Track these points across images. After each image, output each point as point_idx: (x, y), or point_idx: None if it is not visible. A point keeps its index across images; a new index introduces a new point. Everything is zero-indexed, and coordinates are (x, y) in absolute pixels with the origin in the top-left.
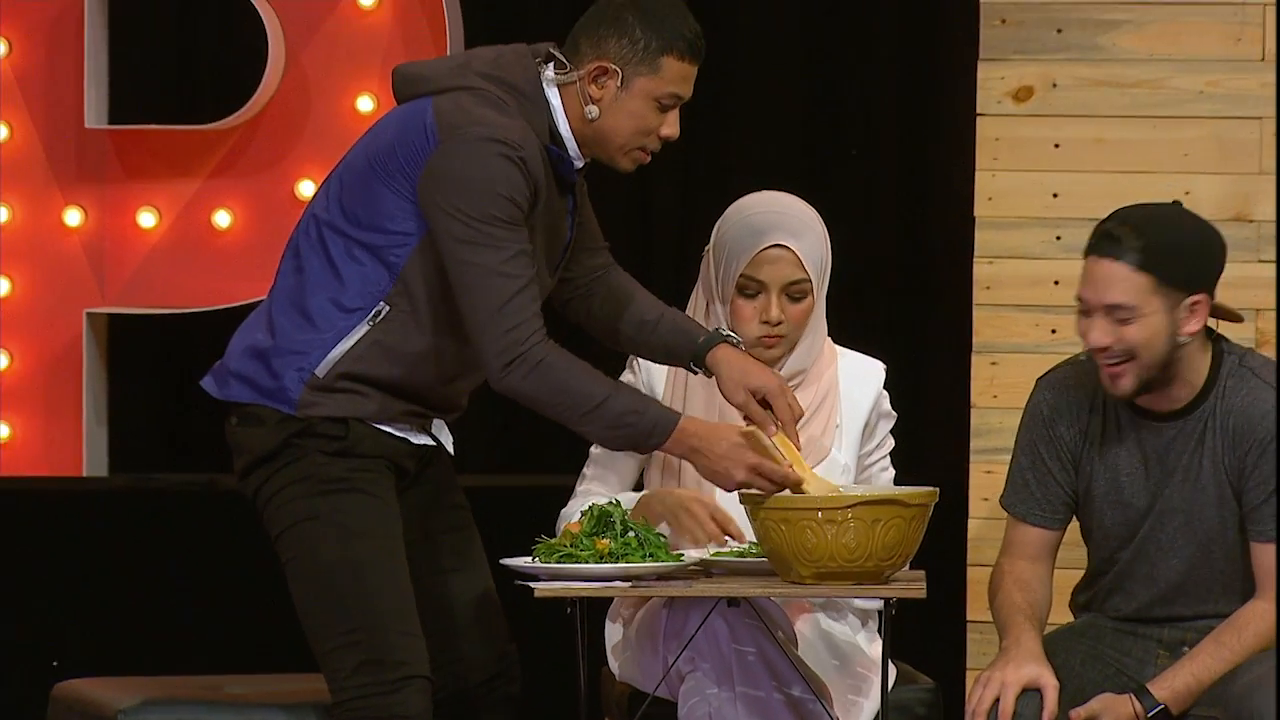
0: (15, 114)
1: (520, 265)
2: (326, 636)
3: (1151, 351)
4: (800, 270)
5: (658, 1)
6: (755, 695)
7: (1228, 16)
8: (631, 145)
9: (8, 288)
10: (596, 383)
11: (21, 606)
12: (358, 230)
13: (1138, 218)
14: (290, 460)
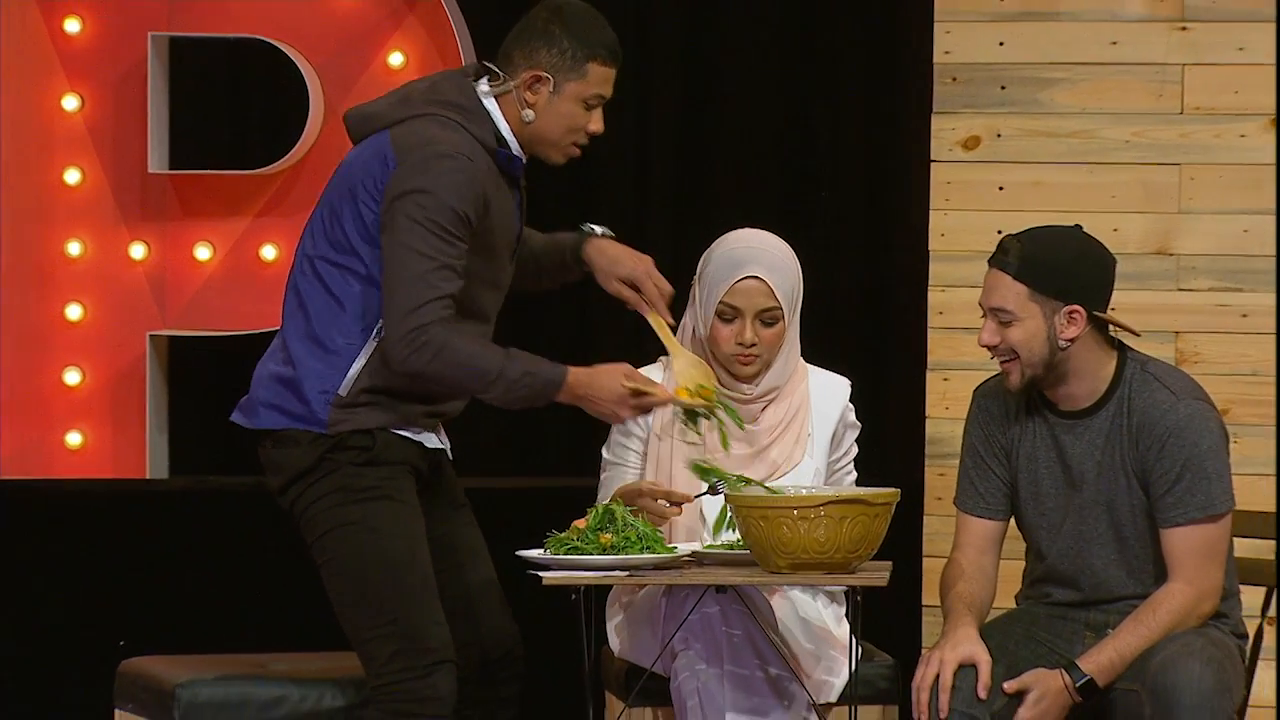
0: (88, 160)
1: (442, 278)
2: (363, 628)
3: (1030, 352)
4: (772, 299)
5: (579, 15)
6: (740, 672)
7: (1150, 76)
8: (565, 141)
9: (80, 313)
10: (491, 357)
11: (92, 593)
12: (346, 256)
13: (1028, 235)
14: (326, 473)
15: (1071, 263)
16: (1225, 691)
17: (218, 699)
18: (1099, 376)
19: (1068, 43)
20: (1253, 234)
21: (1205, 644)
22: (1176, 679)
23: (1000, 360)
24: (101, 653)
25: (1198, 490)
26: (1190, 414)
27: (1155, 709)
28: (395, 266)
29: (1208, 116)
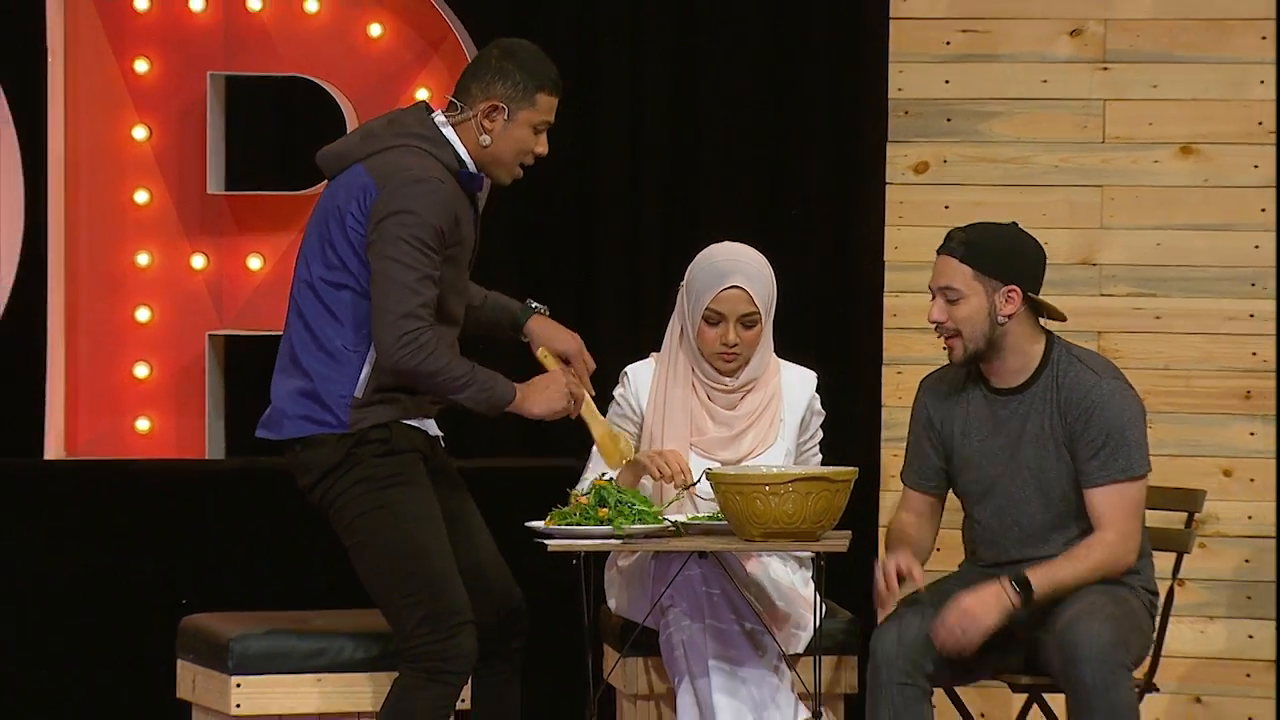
0: (154, 183)
1: (424, 286)
2: (392, 599)
3: (973, 326)
4: (752, 305)
5: (527, 53)
6: (720, 627)
7: (1076, 109)
8: (515, 162)
9: (148, 315)
10: (463, 365)
11: (158, 558)
12: (341, 274)
13: (972, 227)
14: (351, 467)
15: (1009, 249)
16: (1121, 645)
17: (265, 650)
18: (1030, 355)
19: (1005, 81)
20: (1165, 247)
21: (1106, 602)
22: (1078, 635)
23: (945, 337)
24: (166, 610)
25: (1120, 455)
26: (1112, 390)
27: (1062, 660)
28: (384, 277)
29: (1125, 145)
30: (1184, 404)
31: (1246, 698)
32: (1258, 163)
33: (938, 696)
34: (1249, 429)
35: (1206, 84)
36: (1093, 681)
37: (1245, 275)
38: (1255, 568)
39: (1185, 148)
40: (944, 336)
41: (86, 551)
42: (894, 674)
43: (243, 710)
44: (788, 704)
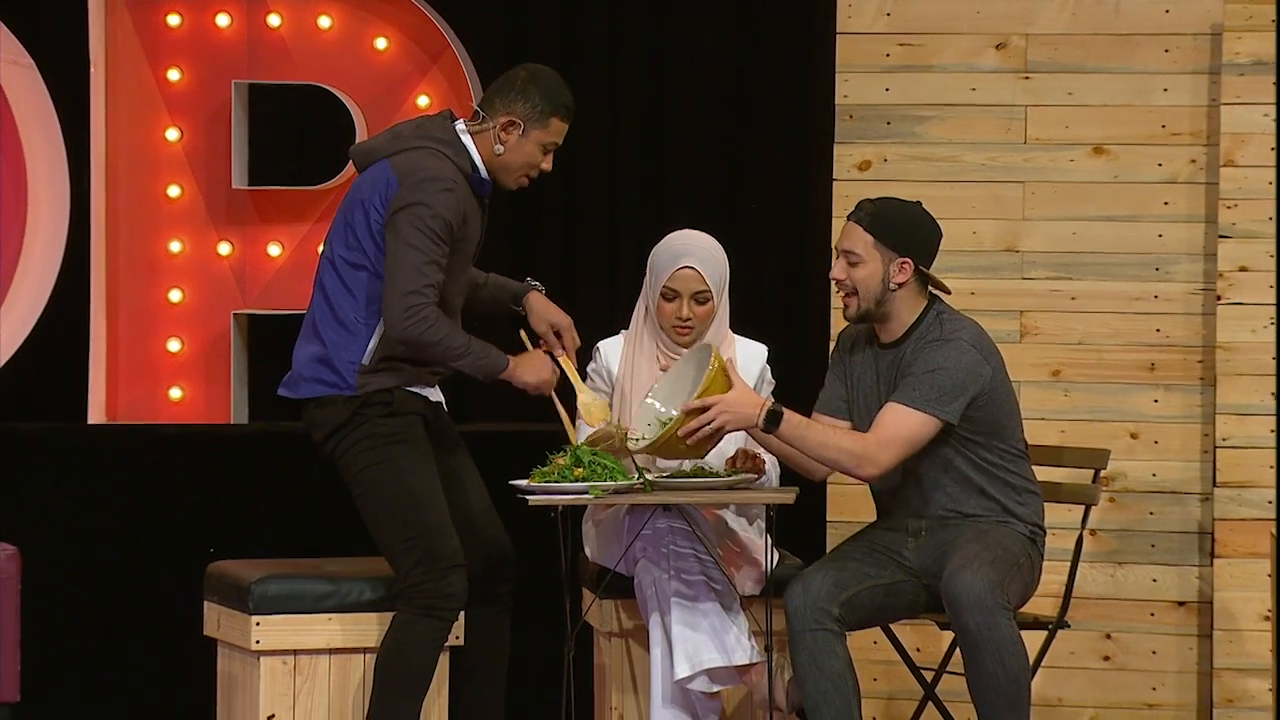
0: (185, 179)
1: (431, 270)
2: (392, 543)
3: (867, 289)
4: (703, 284)
5: (549, 79)
6: (684, 573)
7: (1001, 114)
8: (521, 174)
9: (180, 296)
10: (461, 336)
11: (188, 512)
12: (359, 255)
13: (881, 200)
14: (358, 425)
15: (909, 225)
16: (998, 587)
17: (283, 592)
18: (908, 318)
19: (938, 89)
20: (1079, 236)
21: (982, 550)
22: (956, 588)
23: (843, 294)
24: (195, 557)
25: (919, 388)
26: (950, 345)
27: (949, 610)
28: (396, 259)
29: (1044, 146)
30: (1096, 375)
31: (1150, 634)
32: (1161, 161)
33: (876, 634)
34: (1153, 396)
35: (1115, 92)
36: (975, 626)
37: (1150, 261)
38: (1159, 519)
39: (1097, 148)
40: (842, 293)
41: (125, 505)
42: (805, 623)
43: (262, 646)
44: (743, 639)
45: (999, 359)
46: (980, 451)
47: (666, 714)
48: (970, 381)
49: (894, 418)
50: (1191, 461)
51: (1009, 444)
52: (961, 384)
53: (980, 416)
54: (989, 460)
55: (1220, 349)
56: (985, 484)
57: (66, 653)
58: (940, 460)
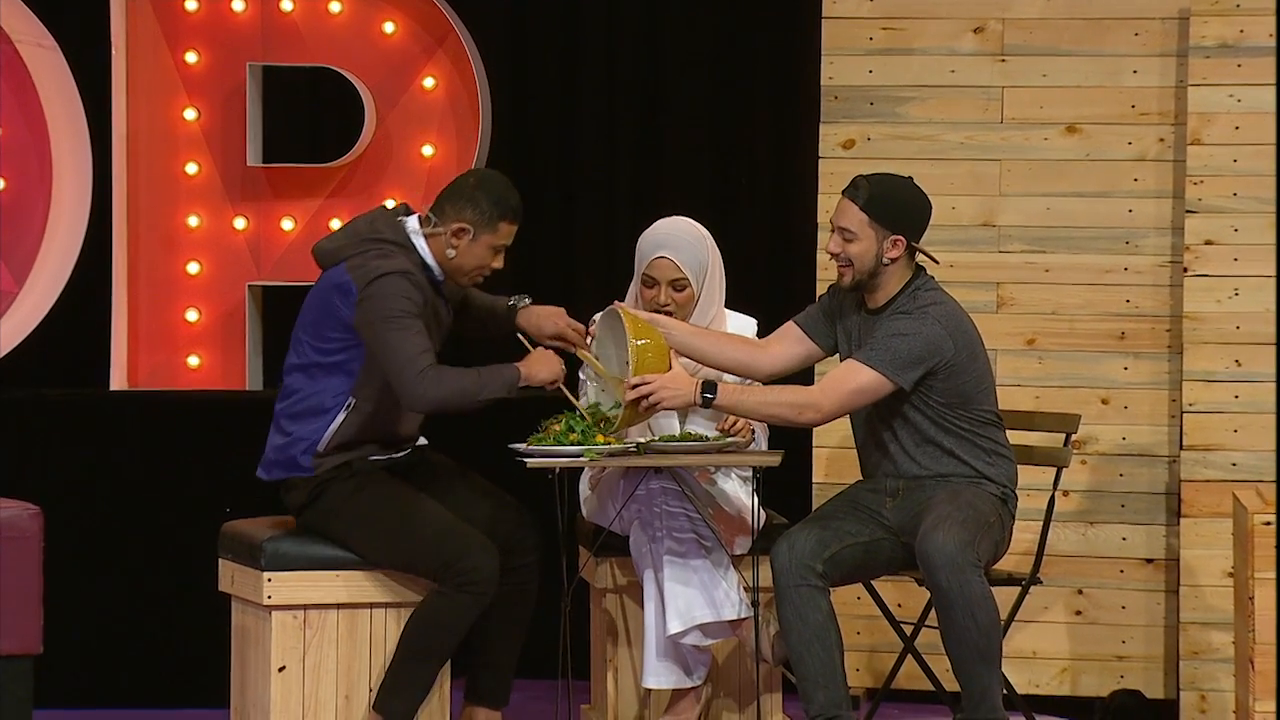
0: (203, 157)
1: (419, 338)
2: (416, 564)
3: (862, 262)
4: (679, 272)
5: (497, 185)
6: (675, 533)
7: (978, 95)
8: (474, 274)
9: (198, 269)
10: (470, 374)
11: (205, 473)
12: (325, 355)
13: (876, 178)
14: (321, 495)
15: (902, 204)
16: (968, 546)
17: (292, 551)
18: (893, 288)
19: (918, 71)
20: (1053, 211)
21: (953, 511)
22: (929, 548)
23: (839, 265)
24: (211, 517)
25: (882, 349)
26: (917, 317)
27: (922, 569)
28: (383, 345)
29: (1020, 125)
30: (1068, 343)
31: (1120, 590)
32: (1130, 140)
33: (860, 590)
34: (1123, 364)
35: (1088, 73)
36: (947, 584)
37: (1120, 235)
38: (1128, 480)
39: (1070, 127)
40: (839, 265)
41: (144, 467)
42: (790, 579)
43: (273, 601)
44: (733, 595)
45: (970, 337)
46: (950, 418)
47: (660, 667)
48: (929, 354)
49: (847, 370)
50: (1159, 426)
51: (976, 412)
52: (919, 355)
53: (943, 386)
54: (960, 426)
55: (1187, 319)
56: (956, 447)
57: (87, 608)
58: (914, 424)
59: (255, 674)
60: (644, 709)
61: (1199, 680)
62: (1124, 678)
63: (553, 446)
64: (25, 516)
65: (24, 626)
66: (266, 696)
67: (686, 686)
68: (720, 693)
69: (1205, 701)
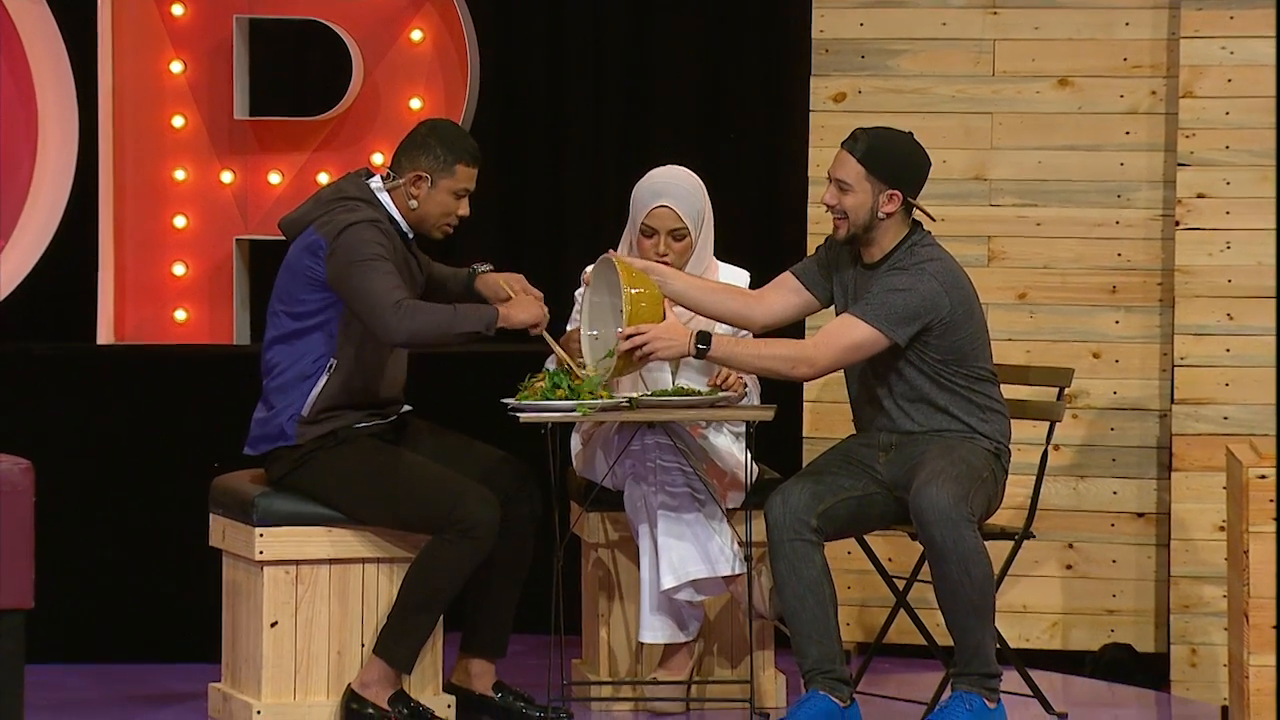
0: (189, 110)
1: (390, 275)
2: (412, 521)
3: (858, 215)
4: (679, 221)
5: (449, 130)
6: (669, 487)
7: (970, 48)
8: (441, 223)
9: (184, 222)
10: (445, 309)
11: (193, 427)
12: (301, 321)
13: (874, 131)
14: (306, 462)
15: (901, 159)
16: (962, 501)
17: (284, 507)
18: (889, 244)
19: (910, 24)
20: (1044, 164)
21: (947, 466)
22: (923, 501)
23: (835, 217)
24: (200, 472)
25: (878, 304)
26: (914, 273)
27: (916, 524)
28: (358, 291)
29: (1012, 78)
30: (1060, 297)
31: (1110, 543)
32: (1122, 93)
33: (851, 544)
34: (1114, 318)
35: (1080, 26)
36: (941, 538)
37: (1112, 188)
38: (1119, 434)
39: (1062, 80)
40: (835, 217)
41: (132, 421)
42: (785, 533)
43: (265, 556)
44: (727, 550)
45: (966, 294)
46: (945, 373)
47: (655, 622)
48: (925, 310)
49: (842, 325)
50: (1150, 380)
51: (971, 368)
52: (915, 311)
53: (940, 344)
54: (955, 382)
55: (1179, 272)
56: (950, 402)
57: (76, 563)
58: (908, 378)
59: (247, 629)
60: (636, 663)
61: (1189, 634)
62: (1114, 631)
63: (543, 402)
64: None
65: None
66: (259, 651)
67: (680, 641)
68: (713, 647)
69: (1196, 655)
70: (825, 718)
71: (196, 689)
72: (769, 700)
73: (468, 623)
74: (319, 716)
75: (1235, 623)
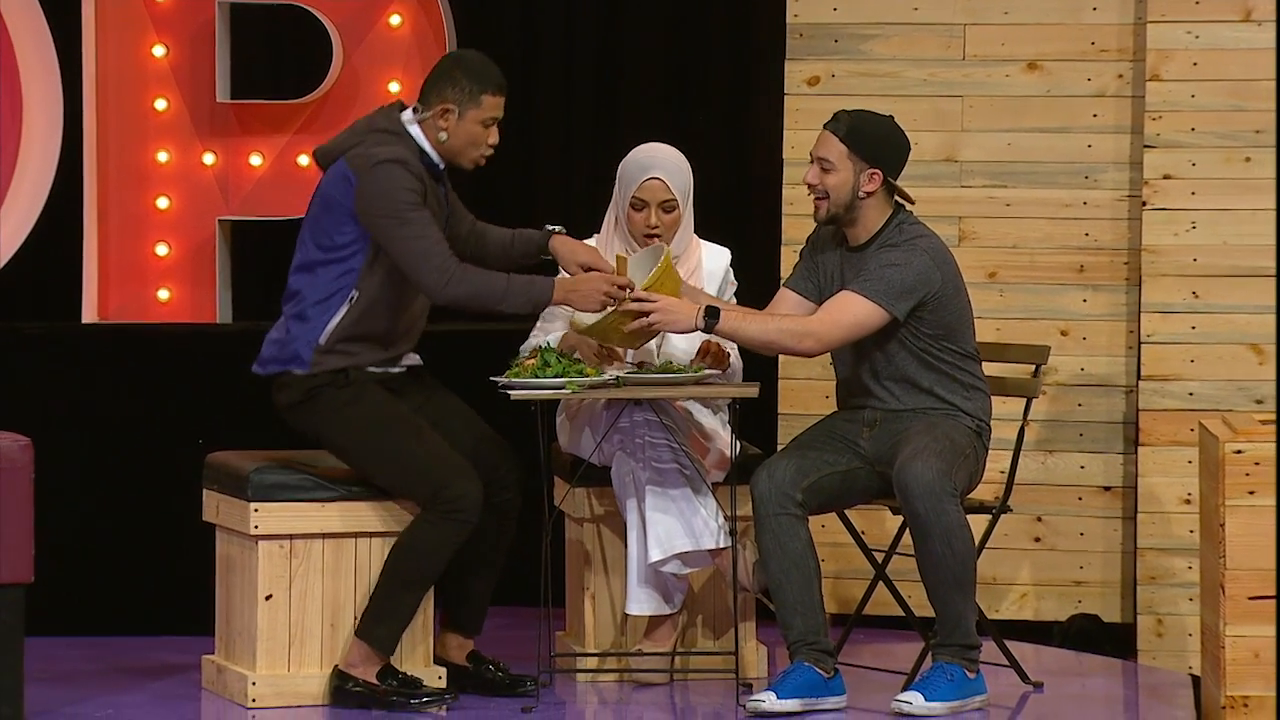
0: (171, 93)
1: (430, 227)
2: (398, 484)
3: (838, 194)
4: (669, 193)
5: (474, 61)
6: (656, 463)
7: (941, 32)
8: (472, 154)
9: (167, 203)
10: (498, 277)
11: (178, 405)
12: (329, 244)
13: (856, 113)
14: (313, 400)
15: (882, 139)
16: (945, 476)
17: (279, 482)
18: (874, 224)
19: (882, 9)
20: (1014, 146)
21: (930, 442)
22: (907, 477)
23: (815, 197)
24: (185, 448)
25: (877, 280)
26: (906, 249)
27: (900, 498)
28: (402, 249)
29: (982, 62)
30: (1029, 276)
31: (1079, 516)
32: (1090, 76)
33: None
34: (1082, 296)
35: (1048, 10)
36: (925, 512)
37: (1079, 169)
38: (1086, 410)
39: (1031, 64)
40: (815, 197)
41: (117, 399)
42: (770, 507)
43: (260, 531)
44: (712, 524)
45: (953, 269)
46: (932, 350)
47: (642, 594)
48: (920, 284)
49: (844, 301)
50: (1117, 357)
51: (959, 345)
52: (912, 285)
53: (931, 319)
54: (940, 359)
55: (1145, 251)
56: (935, 380)
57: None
58: (894, 357)
59: (241, 602)
60: (621, 635)
61: (1155, 604)
62: (1082, 602)
63: (533, 379)
64: (16, 448)
65: (16, 556)
66: (253, 624)
67: (665, 613)
68: (696, 619)
69: (1162, 625)
70: (811, 688)
71: (189, 660)
72: (751, 671)
73: (448, 601)
74: (312, 688)
75: (1210, 594)
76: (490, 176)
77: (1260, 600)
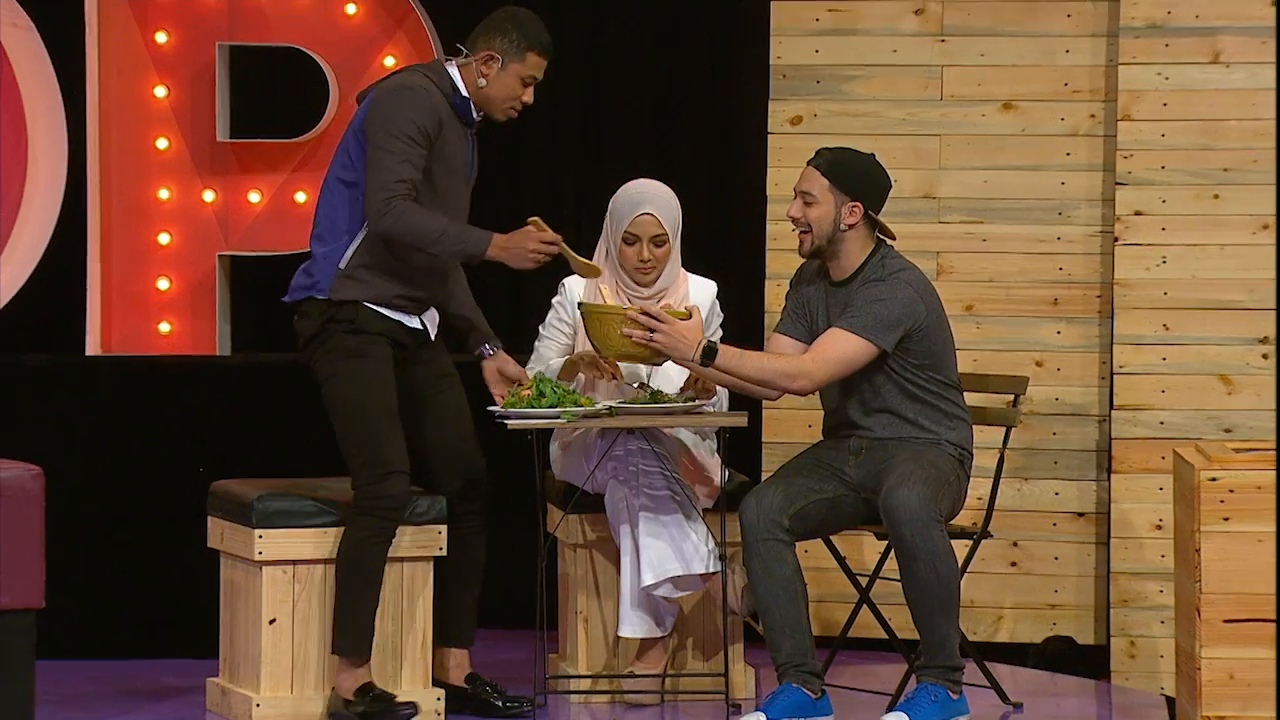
0: (172, 132)
1: (403, 168)
2: (346, 450)
3: (820, 227)
4: (661, 228)
5: (527, 18)
6: (649, 490)
7: (920, 74)
8: (505, 105)
9: (168, 239)
10: (437, 220)
11: (179, 436)
12: (349, 173)
13: (839, 149)
14: (325, 338)
15: (862, 174)
16: (931, 502)
17: (283, 509)
18: (857, 258)
19: (863, 51)
20: (990, 183)
21: (916, 469)
22: (894, 502)
23: (799, 231)
24: (187, 477)
25: (864, 315)
26: (891, 283)
27: (886, 523)
28: (373, 163)
29: (959, 102)
30: (1005, 309)
31: (1052, 541)
32: (1064, 116)
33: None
34: (1056, 329)
35: (1023, 53)
36: (911, 538)
37: (1053, 206)
38: (1061, 438)
39: (1007, 104)
40: (798, 230)
41: (121, 428)
42: (758, 534)
43: (264, 556)
44: (702, 549)
45: (936, 301)
46: (918, 381)
47: (634, 617)
48: (906, 316)
49: (833, 339)
50: (1091, 387)
51: (944, 375)
52: (898, 317)
53: (917, 349)
54: (925, 389)
55: (1117, 285)
56: (919, 411)
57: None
58: (880, 387)
59: (245, 626)
60: (613, 657)
61: (1128, 627)
62: (1056, 625)
63: (529, 409)
64: (28, 477)
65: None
66: (257, 647)
67: (657, 636)
68: (686, 642)
69: (1134, 647)
70: (799, 709)
71: (194, 683)
72: (740, 692)
73: (436, 616)
74: (313, 710)
75: (1185, 617)
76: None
77: (1236, 623)
